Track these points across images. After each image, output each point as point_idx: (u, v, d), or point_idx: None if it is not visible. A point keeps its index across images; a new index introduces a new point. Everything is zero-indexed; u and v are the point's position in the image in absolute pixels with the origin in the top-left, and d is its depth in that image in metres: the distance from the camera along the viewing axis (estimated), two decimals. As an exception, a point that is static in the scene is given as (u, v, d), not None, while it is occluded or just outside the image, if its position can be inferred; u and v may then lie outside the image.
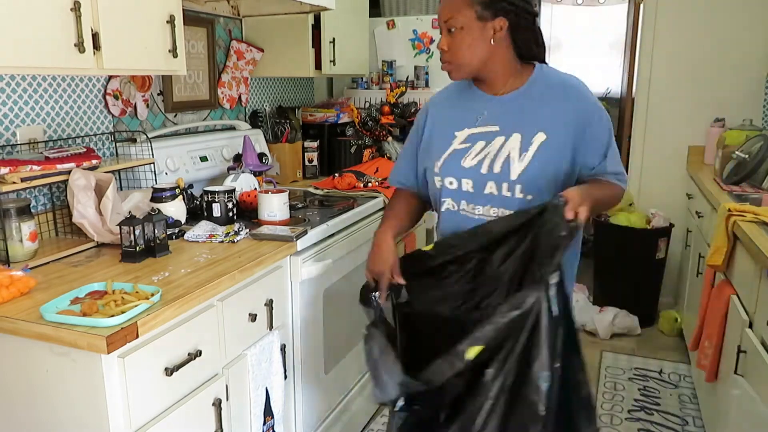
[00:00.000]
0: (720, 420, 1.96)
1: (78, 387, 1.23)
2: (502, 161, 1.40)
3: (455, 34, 1.37)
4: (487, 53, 1.39)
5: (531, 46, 1.44)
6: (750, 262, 1.84)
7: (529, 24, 1.40)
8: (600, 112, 1.42)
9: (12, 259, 1.51)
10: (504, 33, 1.38)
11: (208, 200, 1.97)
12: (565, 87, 1.43)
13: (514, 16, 1.36)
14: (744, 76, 3.35)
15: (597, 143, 1.41)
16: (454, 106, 1.53)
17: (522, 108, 1.43)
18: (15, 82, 1.72)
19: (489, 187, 1.42)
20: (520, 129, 1.41)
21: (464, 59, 1.39)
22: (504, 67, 1.42)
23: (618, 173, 1.44)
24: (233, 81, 2.66)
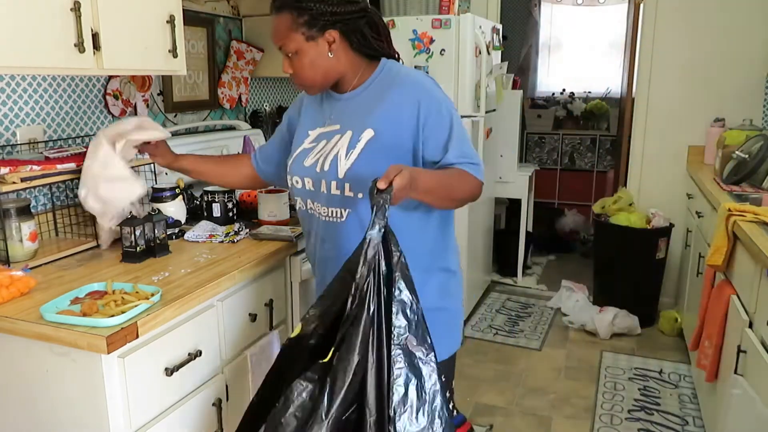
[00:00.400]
0: (720, 420, 1.96)
1: (78, 387, 1.23)
2: (330, 159, 1.39)
3: (293, 58, 1.37)
4: (329, 66, 1.38)
5: (370, 41, 1.41)
6: (750, 262, 1.84)
7: (361, 23, 1.37)
8: (438, 105, 1.37)
9: (12, 259, 1.51)
10: (338, 42, 1.36)
11: (208, 200, 1.97)
12: (400, 82, 1.40)
13: (341, 24, 1.35)
14: (744, 76, 3.35)
15: (436, 138, 1.36)
16: (314, 107, 1.52)
17: (359, 105, 1.42)
18: (15, 82, 1.72)
19: (323, 186, 1.41)
20: (352, 126, 1.39)
21: (310, 79, 1.39)
22: (350, 70, 1.41)
23: (466, 160, 1.37)
24: (233, 81, 2.66)
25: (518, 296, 3.94)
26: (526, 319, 3.58)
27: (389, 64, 1.45)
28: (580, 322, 3.42)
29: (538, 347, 3.22)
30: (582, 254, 4.74)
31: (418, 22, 3.06)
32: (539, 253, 4.71)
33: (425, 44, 3.07)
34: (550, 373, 2.94)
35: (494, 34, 3.50)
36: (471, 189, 1.39)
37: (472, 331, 3.40)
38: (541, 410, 2.61)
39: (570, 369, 2.98)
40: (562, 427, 2.49)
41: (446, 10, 3.14)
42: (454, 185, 1.35)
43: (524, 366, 3.01)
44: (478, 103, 3.19)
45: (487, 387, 2.78)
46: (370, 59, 1.44)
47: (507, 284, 4.14)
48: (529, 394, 2.74)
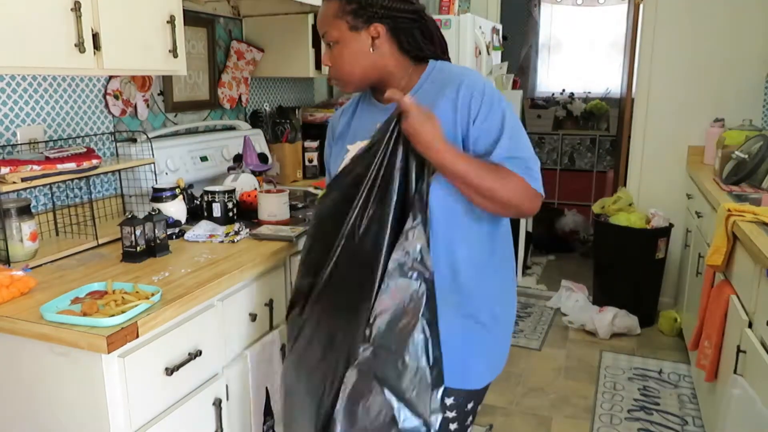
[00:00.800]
0: (720, 420, 1.96)
1: (78, 387, 1.23)
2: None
3: (334, 48, 1.31)
4: (370, 62, 1.31)
5: (420, 44, 1.34)
6: (750, 262, 1.84)
7: (412, 23, 1.31)
8: (489, 104, 1.26)
9: (12, 259, 1.51)
10: (384, 39, 1.30)
11: (208, 200, 1.97)
12: (451, 80, 1.30)
13: (389, 20, 1.28)
14: (744, 76, 3.35)
15: (487, 134, 1.25)
16: (350, 120, 1.44)
17: None
18: (15, 82, 1.72)
19: None
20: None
21: (347, 73, 1.33)
22: (393, 72, 1.33)
23: (514, 157, 1.24)
24: (233, 81, 2.66)
25: (518, 296, 3.94)
26: (526, 319, 3.58)
27: (439, 65, 1.36)
28: (579, 322, 3.42)
29: (538, 347, 3.22)
30: (582, 254, 4.74)
31: (418, 22, 3.06)
32: (539, 253, 4.71)
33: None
34: (550, 373, 2.94)
35: (494, 34, 3.50)
36: (519, 193, 1.24)
37: (472, 331, 3.40)
38: (541, 410, 2.61)
39: (570, 369, 2.98)
40: (562, 427, 2.49)
41: (446, 10, 3.14)
42: (492, 179, 1.21)
43: (524, 366, 3.01)
44: (478, 103, 3.19)
45: (487, 387, 2.78)
46: (417, 61, 1.36)
47: (507, 284, 4.13)
48: (529, 394, 2.74)
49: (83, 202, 1.88)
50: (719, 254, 2.10)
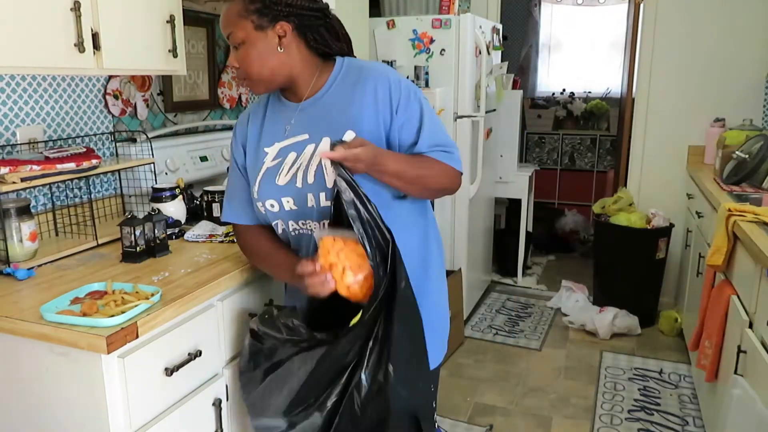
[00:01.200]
0: (720, 420, 1.96)
1: (78, 387, 1.23)
2: (314, 170, 1.31)
3: (240, 49, 1.29)
4: (278, 62, 1.30)
5: (328, 42, 1.34)
6: (750, 262, 1.84)
7: (319, 21, 1.32)
8: (407, 91, 1.32)
9: (12, 259, 1.51)
10: (290, 37, 1.29)
11: (208, 200, 1.97)
12: (364, 75, 1.33)
13: (294, 17, 1.28)
14: (744, 76, 3.35)
15: (408, 125, 1.32)
16: (262, 122, 1.42)
17: (327, 109, 1.33)
18: (15, 82, 1.72)
19: (310, 200, 1.33)
20: (328, 132, 1.31)
21: (255, 73, 1.30)
22: (302, 71, 1.33)
23: (440, 149, 1.33)
24: (233, 81, 2.66)
25: (518, 296, 3.94)
26: (526, 319, 3.58)
27: (347, 61, 1.38)
28: (580, 322, 3.42)
29: (538, 347, 3.22)
30: (582, 254, 4.74)
31: (418, 22, 3.06)
32: (539, 253, 4.71)
33: (425, 44, 3.08)
34: (550, 373, 2.94)
35: (494, 34, 3.50)
36: (447, 177, 1.35)
37: (472, 331, 3.40)
38: (541, 410, 2.61)
39: (570, 369, 2.98)
40: (562, 427, 2.49)
41: (446, 10, 3.14)
42: (425, 171, 1.31)
43: (524, 366, 3.01)
44: (478, 103, 3.19)
45: (487, 387, 2.78)
46: (325, 58, 1.37)
47: (507, 284, 4.14)
48: (529, 394, 2.74)
49: (83, 202, 1.88)
50: (720, 254, 2.10)
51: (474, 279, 3.56)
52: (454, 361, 3.02)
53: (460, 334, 3.22)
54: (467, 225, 3.26)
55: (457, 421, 2.50)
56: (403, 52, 3.09)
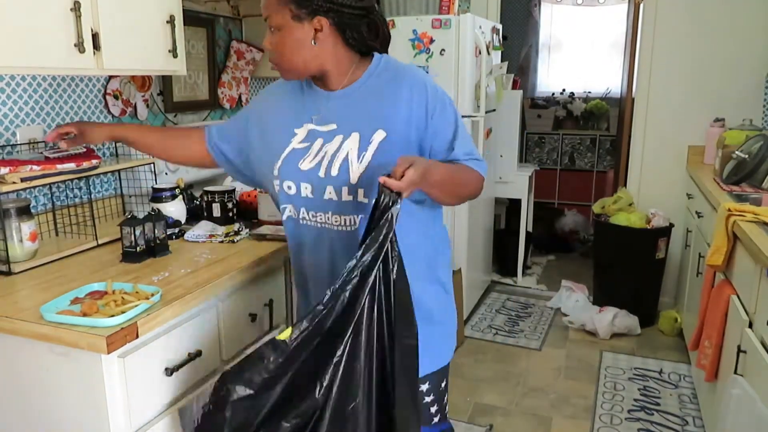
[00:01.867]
0: (720, 420, 1.96)
1: (78, 387, 1.23)
2: (339, 163, 1.28)
3: (275, 34, 1.27)
4: (311, 54, 1.27)
5: (366, 41, 1.31)
6: (750, 262, 1.84)
7: (359, 19, 1.28)
8: (443, 102, 1.32)
9: (12, 260, 1.51)
10: (327, 33, 1.26)
11: (208, 200, 1.97)
12: (401, 78, 1.31)
13: (334, 14, 1.25)
14: (744, 76, 3.35)
15: (442, 133, 1.31)
16: (291, 100, 1.39)
17: (359, 104, 1.31)
18: (15, 82, 1.72)
19: (328, 193, 1.30)
20: (358, 127, 1.29)
21: (287, 61, 1.29)
22: (336, 65, 1.31)
23: (471, 155, 1.34)
24: (233, 81, 2.66)
25: (518, 296, 3.94)
26: (526, 319, 3.58)
27: (385, 59, 1.36)
28: (580, 322, 3.42)
29: (538, 347, 3.22)
30: (582, 254, 4.74)
31: (418, 22, 3.06)
32: (539, 253, 4.71)
33: (425, 44, 3.07)
34: (550, 373, 2.94)
35: (494, 34, 3.50)
36: (475, 186, 1.37)
37: (472, 331, 3.40)
38: (541, 410, 2.61)
39: (570, 369, 2.98)
40: (562, 427, 2.49)
41: (446, 10, 3.14)
42: (462, 181, 1.33)
43: (524, 366, 3.01)
44: (478, 103, 3.19)
45: (487, 387, 2.78)
46: (362, 55, 1.35)
47: (507, 284, 4.14)
48: (529, 394, 2.74)
49: (83, 202, 1.88)
50: (719, 254, 2.10)
51: (474, 279, 3.56)
52: (454, 361, 3.00)
53: (460, 334, 3.22)
54: (467, 225, 3.26)
55: (457, 421, 2.50)
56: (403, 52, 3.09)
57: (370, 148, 1.27)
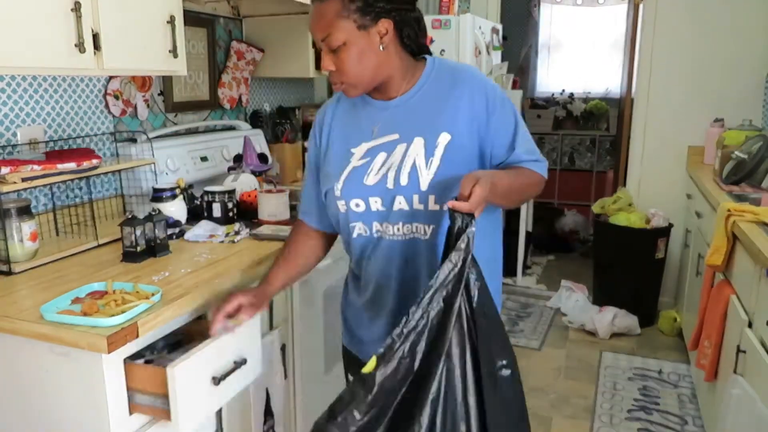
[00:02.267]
0: (719, 420, 1.96)
1: (78, 387, 1.23)
2: (408, 171, 1.23)
3: (340, 51, 1.20)
4: (379, 61, 1.23)
5: (418, 39, 1.28)
6: (749, 262, 1.84)
7: (412, 15, 1.25)
8: (501, 97, 1.28)
9: (12, 260, 1.51)
10: (391, 35, 1.22)
11: (208, 200, 1.97)
12: (459, 78, 1.28)
13: (396, 13, 1.21)
14: (744, 76, 3.35)
15: (503, 132, 1.27)
16: (348, 120, 1.35)
17: (419, 109, 1.27)
18: (15, 82, 1.72)
19: (398, 203, 1.25)
20: (421, 132, 1.24)
21: (356, 76, 1.23)
22: (399, 69, 1.27)
23: (533, 157, 1.30)
24: (233, 81, 2.66)
25: (518, 296, 3.94)
26: (526, 319, 3.58)
27: (439, 60, 1.31)
28: (579, 322, 3.42)
29: (538, 347, 3.22)
30: (582, 254, 4.74)
31: (418, 22, 3.06)
32: (539, 253, 4.71)
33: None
34: (550, 373, 2.94)
35: (494, 35, 3.50)
36: (536, 187, 1.33)
37: (472, 331, 3.40)
38: (541, 410, 2.61)
39: (570, 369, 2.98)
40: (561, 427, 2.49)
41: (446, 10, 3.14)
42: (525, 185, 1.28)
43: (524, 366, 3.01)
44: (478, 103, 3.19)
45: (487, 387, 2.78)
46: (415, 57, 1.31)
47: (507, 284, 4.14)
48: (529, 394, 2.72)
49: (83, 202, 1.88)
50: (719, 254, 2.10)
51: (474, 279, 3.56)
52: (454, 361, 3.02)
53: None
54: (467, 225, 3.26)
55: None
56: (402, 53, 3.09)
57: (437, 152, 1.22)
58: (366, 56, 1.21)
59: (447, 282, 1.09)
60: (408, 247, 1.27)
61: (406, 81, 1.29)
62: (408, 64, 1.29)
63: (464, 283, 1.10)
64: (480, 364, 1.11)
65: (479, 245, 1.16)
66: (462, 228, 1.10)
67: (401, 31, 1.24)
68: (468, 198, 1.07)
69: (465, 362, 1.10)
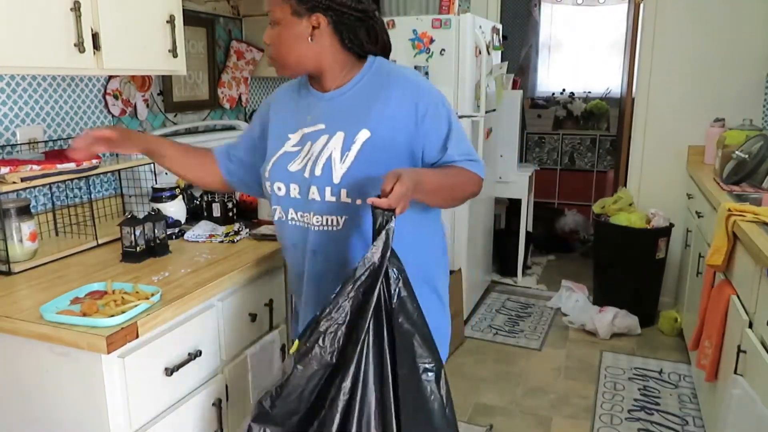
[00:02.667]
0: (720, 420, 1.96)
1: (78, 387, 1.23)
2: (323, 163, 1.28)
3: (275, 28, 1.30)
4: (306, 51, 1.29)
5: (363, 44, 1.32)
6: (750, 262, 1.84)
7: (358, 21, 1.29)
8: (435, 102, 1.31)
9: (12, 259, 1.51)
10: (324, 31, 1.28)
11: (208, 200, 1.97)
12: (393, 81, 1.32)
13: (333, 12, 1.26)
14: (744, 76, 3.35)
15: (435, 136, 1.31)
16: (290, 106, 1.42)
17: (347, 104, 1.32)
18: (15, 82, 1.72)
19: (312, 192, 1.30)
20: (343, 127, 1.29)
21: (282, 56, 1.31)
22: (330, 65, 1.32)
23: (468, 158, 1.34)
24: (233, 81, 2.66)
25: (518, 296, 3.94)
26: (526, 319, 3.58)
27: (379, 61, 1.36)
28: (580, 322, 3.42)
29: (538, 347, 3.22)
30: (582, 254, 4.74)
31: (418, 22, 3.06)
32: (539, 253, 4.71)
33: (425, 44, 3.07)
34: (550, 373, 2.94)
35: (494, 34, 3.50)
36: (473, 186, 1.37)
37: (472, 331, 3.40)
38: (541, 410, 2.61)
39: (570, 369, 2.98)
40: (562, 427, 2.49)
41: (446, 10, 3.14)
42: (457, 184, 1.33)
43: (524, 366, 3.01)
44: (478, 103, 3.19)
45: (487, 387, 2.78)
46: (359, 57, 1.35)
47: (507, 284, 4.14)
48: (529, 394, 2.74)
49: (83, 202, 1.88)
50: (719, 254, 2.09)
51: (474, 279, 3.56)
52: (454, 361, 3.02)
53: (460, 334, 3.22)
54: (467, 225, 3.26)
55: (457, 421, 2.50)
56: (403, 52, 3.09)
57: (354, 147, 1.27)
58: (293, 42, 1.28)
59: (365, 275, 1.14)
60: (319, 238, 1.32)
61: (342, 76, 1.34)
62: (345, 62, 1.33)
63: (383, 277, 1.14)
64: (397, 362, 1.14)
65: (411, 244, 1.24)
66: (382, 224, 1.14)
67: (340, 31, 1.29)
68: (389, 194, 1.12)
69: (383, 358, 1.13)
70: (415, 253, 1.30)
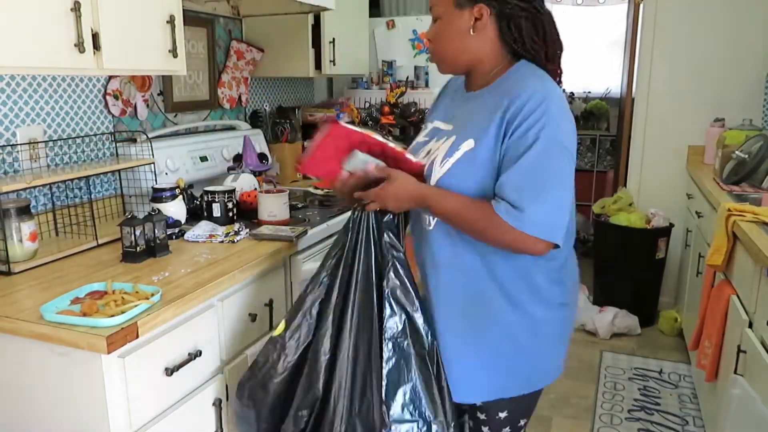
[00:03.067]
0: (720, 420, 1.96)
1: (78, 387, 1.23)
2: (431, 161, 1.26)
3: (436, 24, 1.26)
4: (465, 45, 1.23)
5: (524, 39, 1.22)
6: (750, 262, 1.84)
7: (521, 11, 1.21)
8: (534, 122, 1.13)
9: (12, 260, 1.51)
10: (486, 22, 1.21)
11: (208, 200, 1.97)
12: (511, 90, 1.19)
13: (498, 3, 1.20)
14: (744, 76, 3.35)
15: (513, 153, 1.14)
16: (447, 98, 1.40)
17: (474, 109, 1.25)
18: (15, 82, 1.72)
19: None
20: (459, 131, 1.24)
21: (440, 51, 1.27)
22: (486, 61, 1.25)
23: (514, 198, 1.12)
24: (233, 81, 2.66)
25: (518, 296, 3.94)
26: (526, 319, 3.57)
27: (524, 67, 1.24)
28: (580, 322, 3.42)
29: (538, 347, 3.21)
30: (582, 254, 4.74)
31: (418, 22, 3.06)
32: (539, 253, 4.70)
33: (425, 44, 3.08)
34: (550, 373, 2.94)
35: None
36: (504, 237, 1.14)
37: (472, 331, 3.39)
38: (541, 410, 2.61)
39: (570, 369, 2.98)
40: (562, 427, 2.49)
41: (446, 10, 3.14)
42: (477, 221, 1.17)
43: (524, 366, 3.00)
44: (478, 103, 3.19)
45: (487, 387, 2.78)
46: (515, 56, 1.26)
47: (507, 284, 4.13)
48: (529, 394, 2.73)
49: (83, 202, 1.88)
50: (719, 254, 2.10)
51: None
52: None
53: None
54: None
55: (457, 421, 2.50)
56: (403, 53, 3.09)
57: (456, 155, 1.21)
58: (454, 35, 1.24)
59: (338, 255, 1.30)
60: (422, 233, 1.34)
61: (490, 76, 1.26)
62: (500, 59, 1.25)
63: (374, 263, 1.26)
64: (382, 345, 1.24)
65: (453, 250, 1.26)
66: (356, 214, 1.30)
67: (501, 22, 1.22)
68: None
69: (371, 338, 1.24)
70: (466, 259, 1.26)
